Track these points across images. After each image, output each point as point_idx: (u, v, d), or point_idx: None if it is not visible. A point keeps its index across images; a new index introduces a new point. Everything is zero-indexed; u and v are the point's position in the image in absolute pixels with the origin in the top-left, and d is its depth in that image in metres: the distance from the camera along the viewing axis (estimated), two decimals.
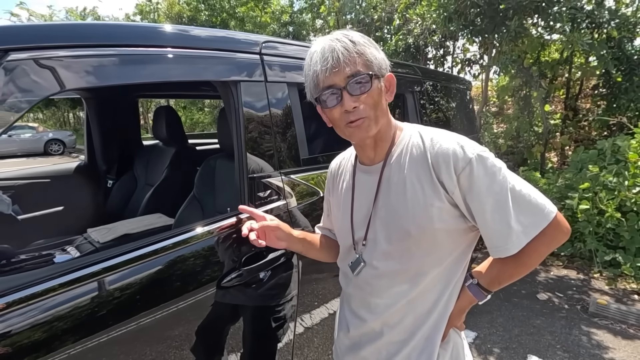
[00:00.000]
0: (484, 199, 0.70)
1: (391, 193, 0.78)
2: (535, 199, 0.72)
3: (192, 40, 1.08)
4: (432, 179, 0.73)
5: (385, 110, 0.78)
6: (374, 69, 0.73)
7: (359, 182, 0.86)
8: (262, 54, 1.22)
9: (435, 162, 0.73)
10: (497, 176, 0.71)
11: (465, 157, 0.70)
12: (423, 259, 0.77)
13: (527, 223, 0.71)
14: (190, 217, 1.63)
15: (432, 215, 0.73)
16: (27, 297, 0.75)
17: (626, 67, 4.40)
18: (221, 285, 1.05)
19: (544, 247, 0.74)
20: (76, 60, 0.82)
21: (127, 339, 0.88)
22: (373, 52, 0.74)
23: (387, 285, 0.81)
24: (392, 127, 0.81)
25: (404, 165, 0.77)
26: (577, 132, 5.51)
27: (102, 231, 1.62)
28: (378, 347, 0.84)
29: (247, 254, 1.12)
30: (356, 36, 0.74)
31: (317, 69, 0.72)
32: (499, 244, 0.73)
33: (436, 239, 0.75)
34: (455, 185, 0.71)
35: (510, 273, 0.78)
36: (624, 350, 2.28)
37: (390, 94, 0.79)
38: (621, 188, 3.11)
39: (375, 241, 0.81)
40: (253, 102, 1.18)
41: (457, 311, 0.82)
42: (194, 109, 15.53)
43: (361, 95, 0.72)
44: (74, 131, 16.33)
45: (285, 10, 11.37)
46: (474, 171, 0.70)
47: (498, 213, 0.71)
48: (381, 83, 0.75)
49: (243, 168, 1.16)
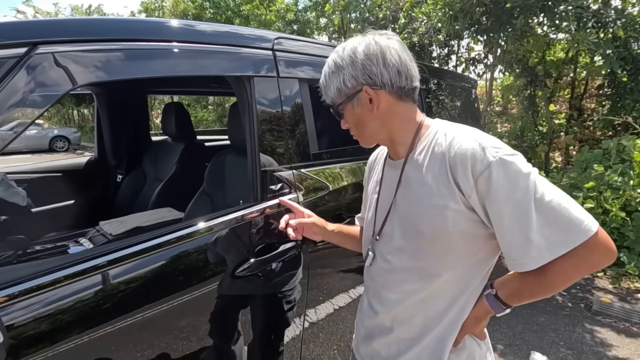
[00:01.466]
0: (502, 206, 0.66)
1: (408, 190, 0.78)
2: (571, 213, 0.63)
3: (208, 35, 1.11)
4: (448, 180, 0.71)
5: (376, 121, 0.79)
6: (341, 95, 0.79)
7: (386, 176, 0.87)
8: (274, 49, 1.25)
9: (453, 163, 0.70)
10: (519, 182, 0.65)
11: (484, 160, 0.66)
12: (436, 259, 0.75)
13: (554, 238, 0.63)
14: (200, 211, 1.65)
15: (445, 217, 0.71)
16: (43, 284, 0.77)
17: (632, 67, 4.39)
18: (231, 277, 1.08)
19: (574, 269, 0.65)
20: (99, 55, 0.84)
21: (136, 329, 0.89)
22: (341, 77, 0.77)
23: (398, 280, 0.81)
24: (410, 127, 0.80)
25: (423, 163, 0.76)
26: (581, 132, 5.51)
27: (114, 224, 1.64)
28: (389, 341, 0.85)
29: (259, 246, 1.14)
30: (332, 62, 0.79)
31: None
32: (515, 257, 0.67)
33: (450, 241, 0.73)
34: (472, 189, 0.68)
35: (532, 291, 0.72)
36: (627, 348, 2.29)
37: (376, 104, 0.77)
38: (626, 187, 3.11)
39: (391, 235, 0.82)
40: (265, 97, 1.21)
41: (472, 319, 0.78)
42: (197, 106, 15.58)
43: (342, 120, 0.82)
44: (79, 128, 16.42)
45: (290, 9, 11.39)
46: (493, 175, 0.65)
47: (517, 223, 0.65)
48: (354, 101, 0.78)
49: (255, 162, 1.18)
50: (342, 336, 1.53)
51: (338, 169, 1.48)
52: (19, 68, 0.72)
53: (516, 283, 0.73)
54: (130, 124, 2.39)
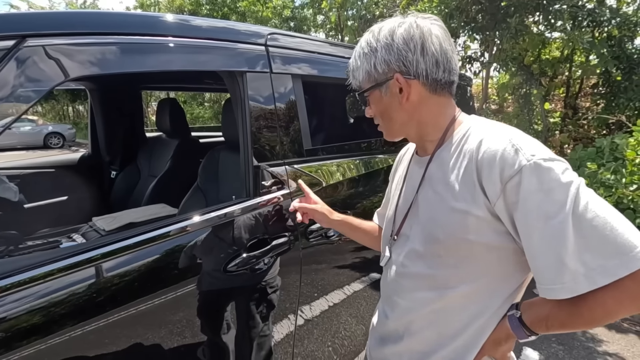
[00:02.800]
0: (532, 220, 0.56)
1: (430, 192, 0.72)
2: (619, 235, 0.52)
3: (200, 30, 1.10)
4: (473, 183, 0.63)
5: (404, 112, 0.72)
6: (370, 80, 0.72)
7: (410, 172, 0.82)
8: (267, 45, 1.24)
9: (481, 164, 0.62)
10: (556, 193, 0.55)
11: (515, 163, 0.57)
12: (452, 270, 0.68)
13: (595, 265, 0.53)
14: (194, 206, 1.65)
15: (466, 225, 0.63)
16: (34, 277, 0.76)
17: (626, 66, 4.42)
18: (224, 271, 1.08)
19: (618, 305, 0.54)
20: (90, 48, 0.84)
21: (128, 323, 0.89)
22: (374, 61, 0.70)
23: (410, 286, 0.74)
24: (440, 122, 0.73)
25: (448, 162, 0.69)
26: (576, 131, 5.54)
27: (108, 219, 1.64)
28: (399, 350, 0.79)
29: (251, 241, 1.15)
30: (365, 44, 0.72)
31: None
32: (545, 282, 0.57)
33: (472, 252, 0.65)
34: (499, 195, 0.59)
35: (563, 321, 0.60)
36: (618, 343, 2.32)
37: (406, 94, 0.70)
38: (619, 185, 3.14)
39: (409, 237, 0.76)
40: (258, 92, 1.21)
41: (491, 340, 0.69)
42: (194, 103, 15.51)
43: (367, 107, 0.75)
44: (74, 124, 16.29)
45: (286, 6, 11.35)
46: (524, 182, 0.56)
47: (549, 242, 0.55)
48: (383, 89, 0.72)
49: (248, 157, 1.18)
50: (337, 333, 1.53)
51: (332, 165, 1.48)
52: (7, 61, 0.71)
53: (546, 309, 0.62)
54: (124, 119, 2.38)
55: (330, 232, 1.37)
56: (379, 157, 1.69)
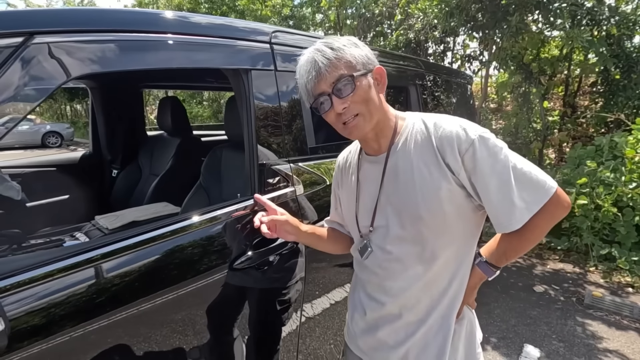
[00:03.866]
0: (488, 178, 0.74)
1: (399, 180, 0.81)
2: (536, 176, 0.74)
3: (203, 28, 1.10)
4: (438, 162, 0.76)
5: (379, 104, 0.80)
6: (356, 68, 0.76)
7: (364, 172, 0.89)
8: (272, 43, 1.24)
9: (440, 145, 0.76)
10: (499, 156, 0.74)
11: (468, 139, 0.74)
12: (436, 241, 0.79)
13: (530, 199, 0.74)
14: (197, 205, 1.65)
15: (441, 198, 0.76)
16: (37, 277, 0.76)
17: (624, 64, 4.43)
18: (228, 270, 1.08)
19: (545, 222, 0.76)
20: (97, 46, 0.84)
21: (133, 322, 0.89)
22: (353, 52, 0.77)
23: (401, 268, 0.83)
24: (391, 119, 0.84)
25: (409, 151, 0.80)
26: (575, 129, 5.55)
27: (110, 218, 1.64)
28: (396, 328, 0.87)
29: (256, 239, 1.14)
30: (336, 42, 0.77)
31: (303, 81, 0.79)
32: (503, 221, 0.75)
33: (446, 220, 0.78)
34: (461, 167, 0.74)
35: (516, 248, 0.81)
36: (618, 340, 2.34)
37: (382, 86, 0.81)
38: (618, 184, 3.16)
39: (387, 227, 0.84)
40: (263, 90, 1.21)
41: (469, 289, 0.86)
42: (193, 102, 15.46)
43: (349, 95, 0.76)
44: (72, 124, 16.22)
45: (285, 4, 11.32)
46: (477, 152, 0.73)
47: (502, 191, 0.74)
48: (368, 78, 0.77)
49: (253, 155, 1.18)
50: (339, 330, 1.54)
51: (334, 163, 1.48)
52: (15, 58, 0.71)
53: (501, 246, 0.82)
54: (125, 118, 2.37)
55: None
56: None
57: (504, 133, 6.07)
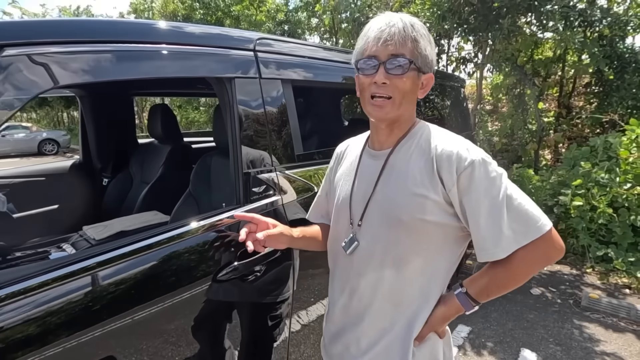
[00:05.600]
0: (480, 201, 0.73)
1: (392, 180, 0.81)
2: (532, 211, 0.73)
3: (186, 36, 1.09)
4: (432, 173, 0.76)
5: (412, 102, 0.81)
6: (418, 60, 0.76)
7: (363, 165, 0.89)
8: (256, 50, 1.23)
9: (439, 158, 0.76)
10: (496, 181, 0.73)
11: (468, 158, 0.73)
12: (410, 247, 0.79)
13: (519, 231, 0.72)
14: (186, 213, 1.63)
15: (424, 207, 0.76)
16: (22, 290, 0.75)
17: (617, 65, 4.45)
18: (216, 280, 1.06)
19: (534, 260, 0.74)
20: (70, 57, 0.82)
21: (122, 333, 0.88)
22: (426, 46, 0.77)
23: (373, 267, 0.83)
24: (411, 121, 0.85)
25: (410, 156, 0.81)
26: (570, 130, 5.57)
27: (98, 228, 1.62)
28: (358, 335, 0.86)
29: (242, 248, 1.13)
30: (420, 26, 0.77)
31: (371, 35, 0.77)
32: (488, 247, 0.73)
33: (426, 229, 0.77)
34: (454, 184, 0.74)
35: (499, 284, 0.78)
36: (615, 342, 2.32)
37: (423, 92, 0.82)
38: (613, 184, 3.15)
39: (370, 223, 0.84)
40: (247, 98, 1.19)
41: (440, 317, 0.82)
42: (189, 108, 15.46)
43: (395, 76, 0.75)
44: (68, 131, 16.20)
45: (280, 9, 11.35)
46: (475, 172, 0.73)
47: (492, 217, 0.72)
48: (419, 78, 0.78)
49: (238, 164, 1.17)
50: None
51: (324, 169, 1.46)
52: None
53: (485, 278, 0.80)
54: (115, 126, 2.36)
55: None
56: None
57: (500, 135, 6.08)
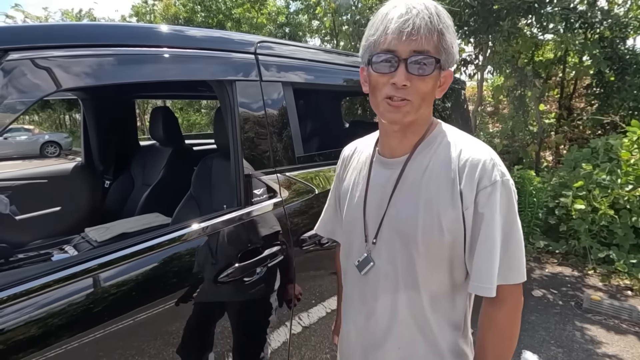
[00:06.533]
0: (489, 227, 0.65)
1: (407, 194, 0.72)
2: (521, 255, 0.68)
3: (187, 40, 1.10)
4: (453, 187, 0.67)
5: (431, 104, 0.71)
6: (442, 57, 0.65)
7: (375, 175, 0.79)
8: (257, 53, 1.24)
9: (462, 170, 0.67)
10: (511, 210, 0.67)
11: (493, 176, 0.65)
12: (427, 268, 0.71)
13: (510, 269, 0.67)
14: (188, 215, 1.64)
15: (443, 226, 0.67)
16: (24, 292, 0.76)
17: (618, 66, 4.44)
18: (217, 282, 1.07)
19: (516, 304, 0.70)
20: (73, 60, 0.83)
21: (124, 335, 0.89)
22: (452, 40, 0.66)
23: (389, 289, 0.74)
24: (427, 123, 0.74)
25: (427, 165, 0.71)
26: (571, 131, 5.56)
27: (100, 230, 1.63)
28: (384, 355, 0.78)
29: (243, 250, 1.13)
30: (445, 15, 0.66)
31: (391, 26, 0.64)
32: (481, 280, 0.67)
33: (444, 250, 0.69)
34: (472, 201, 0.66)
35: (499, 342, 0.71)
36: (617, 345, 2.31)
37: (441, 91, 0.71)
38: (614, 186, 3.15)
39: (385, 241, 0.75)
40: (248, 101, 1.20)
41: None
42: (190, 110, 15.50)
43: (418, 77, 0.64)
44: (70, 133, 16.26)
45: (281, 12, 11.39)
46: (496, 195, 0.65)
47: (494, 247, 0.66)
48: (440, 74, 0.68)
49: (239, 166, 1.17)
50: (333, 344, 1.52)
51: (324, 171, 1.47)
52: None
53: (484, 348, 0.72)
54: (117, 128, 2.37)
55: (323, 240, 1.36)
56: None
57: (501, 136, 6.07)
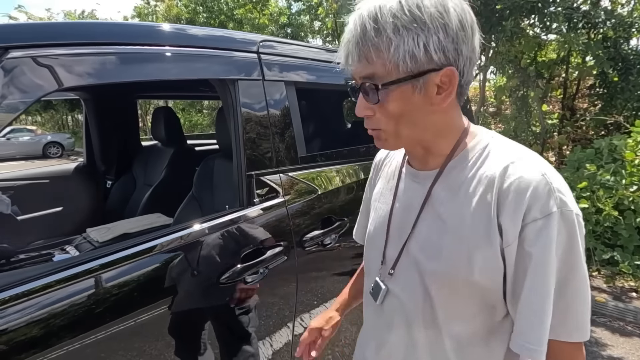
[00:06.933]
0: (543, 270, 0.50)
1: (434, 219, 0.60)
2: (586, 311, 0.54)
3: (189, 39, 1.10)
4: (489, 216, 0.53)
5: (423, 121, 0.56)
6: (409, 65, 0.51)
7: (405, 189, 0.67)
8: (259, 52, 1.23)
9: (503, 197, 0.52)
10: (574, 250, 0.50)
11: (546, 205, 0.50)
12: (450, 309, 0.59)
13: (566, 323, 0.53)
14: (189, 216, 1.63)
15: (472, 263, 0.54)
16: (25, 292, 0.75)
17: (622, 67, 4.42)
18: (219, 283, 1.06)
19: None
20: (74, 59, 0.83)
21: (125, 336, 0.88)
22: (412, 37, 0.49)
23: (405, 323, 0.64)
24: (451, 135, 0.60)
25: (460, 184, 0.57)
26: (574, 132, 5.54)
27: (102, 231, 1.62)
28: None
29: (245, 251, 1.12)
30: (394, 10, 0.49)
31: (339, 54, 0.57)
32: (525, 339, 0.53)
33: (473, 290, 0.57)
34: (516, 237, 0.51)
35: None
36: (622, 347, 2.29)
37: (447, 95, 0.54)
38: (618, 187, 3.13)
39: (405, 269, 0.64)
40: (251, 100, 1.19)
41: None
42: (192, 110, 15.54)
43: (372, 104, 0.55)
44: (73, 134, 16.33)
45: (283, 12, 11.42)
46: (551, 229, 0.49)
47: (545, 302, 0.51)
48: (424, 84, 0.53)
49: (241, 166, 1.17)
50: (336, 341, 1.51)
51: (327, 172, 1.46)
52: None
53: None
54: (119, 128, 2.37)
55: (326, 241, 1.35)
56: None
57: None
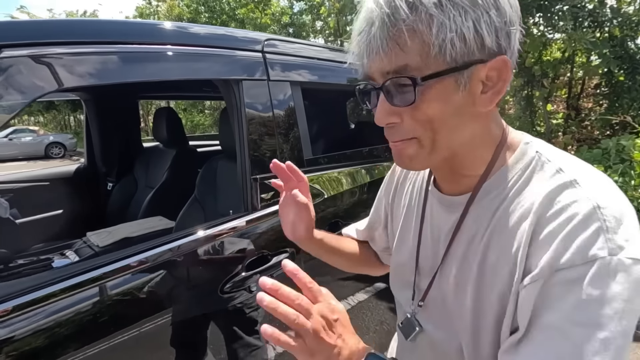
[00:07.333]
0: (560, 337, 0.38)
1: (462, 250, 0.51)
2: None
3: (193, 37, 1.06)
4: (516, 253, 0.42)
5: (461, 130, 0.44)
6: (440, 56, 0.39)
7: (431, 214, 0.57)
8: (264, 52, 1.20)
9: (538, 231, 0.41)
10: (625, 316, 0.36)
11: (591, 249, 0.37)
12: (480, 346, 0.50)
13: None
14: (192, 219, 1.60)
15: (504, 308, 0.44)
16: (24, 304, 0.73)
17: (628, 66, 4.37)
18: (223, 290, 1.02)
19: None
20: (73, 58, 0.79)
21: (127, 346, 0.85)
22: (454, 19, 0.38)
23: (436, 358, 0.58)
24: (486, 148, 0.48)
25: (494, 211, 0.47)
26: (579, 132, 5.49)
27: (102, 235, 1.59)
28: None
29: (250, 259, 1.09)
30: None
31: (353, 45, 0.45)
32: None
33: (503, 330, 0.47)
34: (540, 278, 0.39)
35: None
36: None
37: (497, 92, 0.43)
38: (627, 187, 3.08)
39: (438, 304, 0.56)
40: (255, 101, 1.15)
41: None
42: (194, 111, 15.54)
43: (400, 107, 0.43)
44: (75, 134, 16.36)
45: (285, 12, 11.40)
46: (590, 281, 0.37)
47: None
48: (469, 78, 0.41)
49: (245, 168, 1.13)
50: None
51: (334, 174, 1.42)
52: None
53: None
54: (120, 130, 2.34)
55: None
56: (383, 164, 1.64)
57: None
